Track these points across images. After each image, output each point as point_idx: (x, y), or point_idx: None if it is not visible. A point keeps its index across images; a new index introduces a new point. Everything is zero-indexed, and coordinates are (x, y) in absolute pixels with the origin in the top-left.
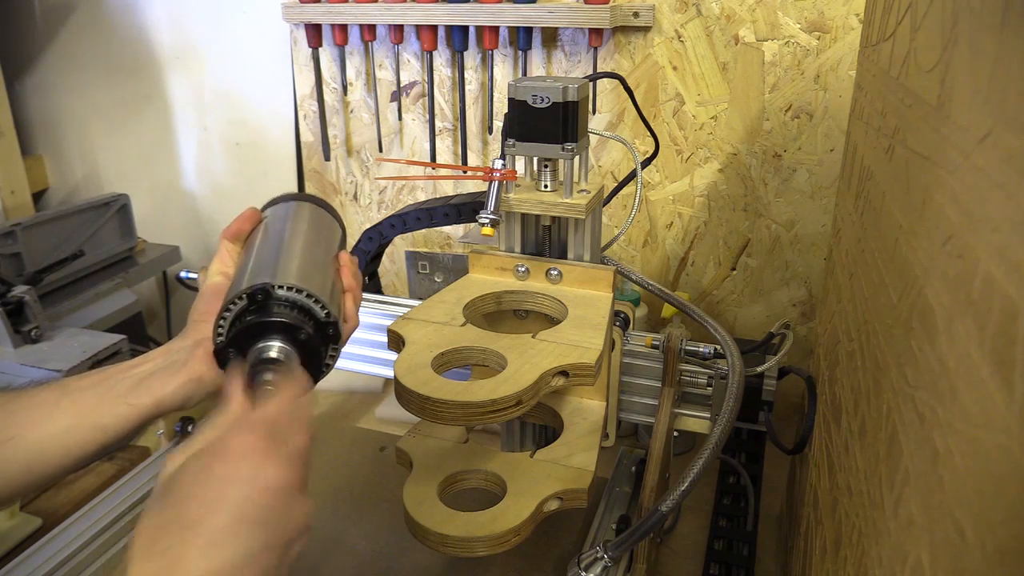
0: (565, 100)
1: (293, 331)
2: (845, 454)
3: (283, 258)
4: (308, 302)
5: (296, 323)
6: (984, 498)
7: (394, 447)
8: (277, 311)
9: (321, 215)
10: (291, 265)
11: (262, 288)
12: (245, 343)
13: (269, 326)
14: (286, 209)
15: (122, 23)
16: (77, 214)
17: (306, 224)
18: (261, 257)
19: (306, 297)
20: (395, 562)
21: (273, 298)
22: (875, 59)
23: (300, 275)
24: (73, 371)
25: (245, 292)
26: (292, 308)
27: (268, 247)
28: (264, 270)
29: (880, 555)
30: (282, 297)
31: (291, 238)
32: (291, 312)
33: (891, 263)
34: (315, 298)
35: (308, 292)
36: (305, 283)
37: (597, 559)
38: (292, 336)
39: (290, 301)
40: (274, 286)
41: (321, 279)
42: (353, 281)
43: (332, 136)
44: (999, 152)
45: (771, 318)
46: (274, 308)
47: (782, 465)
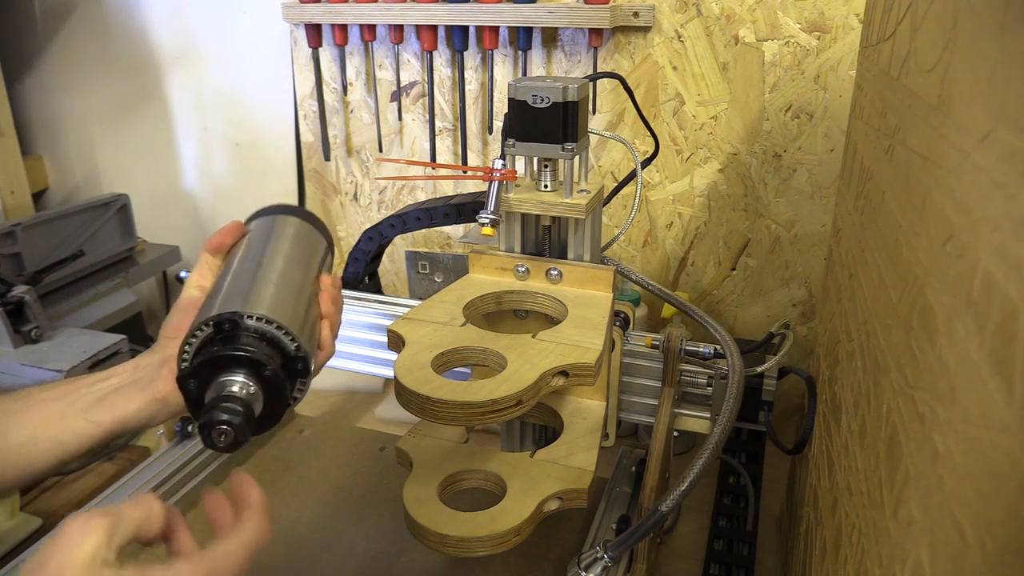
0: (565, 100)
1: (259, 366)
2: (845, 454)
3: (257, 283)
4: (278, 334)
5: (262, 359)
6: (984, 498)
7: (394, 447)
8: (244, 343)
9: (306, 232)
10: (264, 292)
11: (230, 317)
12: (209, 373)
13: (234, 358)
14: (270, 223)
15: (122, 23)
16: (77, 214)
17: (288, 243)
18: (235, 280)
19: (276, 329)
20: (395, 562)
21: (241, 328)
22: (875, 59)
23: (273, 304)
24: (73, 371)
25: (212, 319)
26: (261, 340)
27: (244, 268)
28: (236, 296)
29: (880, 555)
30: (251, 328)
31: (269, 259)
32: (259, 344)
33: (891, 263)
34: (285, 330)
35: (279, 324)
36: (277, 313)
37: (597, 559)
38: (257, 371)
39: (259, 332)
40: (243, 315)
41: (295, 307)
42: (332, 307)
43: (332, 136)
44: (999, 152)
45: (771, 318)
46: (241, 339)
47: (782, 465)
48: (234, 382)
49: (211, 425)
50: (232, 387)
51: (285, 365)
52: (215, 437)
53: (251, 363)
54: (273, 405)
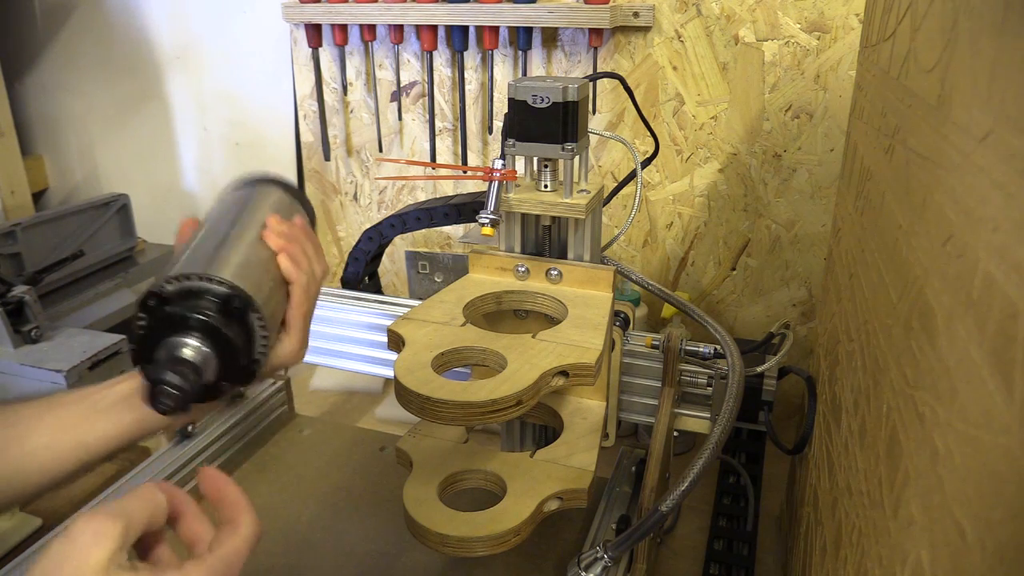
0: (565, 100)
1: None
2: (845, 454)
3: (183, 253)
4: (199, 284)
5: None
6: (984, 498)
7: (394, 447)
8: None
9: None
10: (184, 256)
11: (150, 291)
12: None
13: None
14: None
15: (122, 23)
16: (77, 214)
17: (227, 208)
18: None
19: (197, 281)
20: (395, 562)
21: (163, 296)
22: (875, 59)
23: (189, 262)
24: (73, 371)
25: (138, 304)
26: (183, 298)
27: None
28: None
29: (880, 555)
30: (170, 291)
31: (204, 226)
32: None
33: (891, 263)
34: (206, 276)
35: (198, 275)
36: (192, 267)
37: (597, 559)
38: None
39: (180, 292)
40: (161, 284)
41: (222, 253)
42: (280, 240)
43: (332, 136)
44: (999, 152)
45: (771, 318)
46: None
47: (782, 465)
48: (180, 343)
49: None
50: (176, 349)
51: (223, 309)
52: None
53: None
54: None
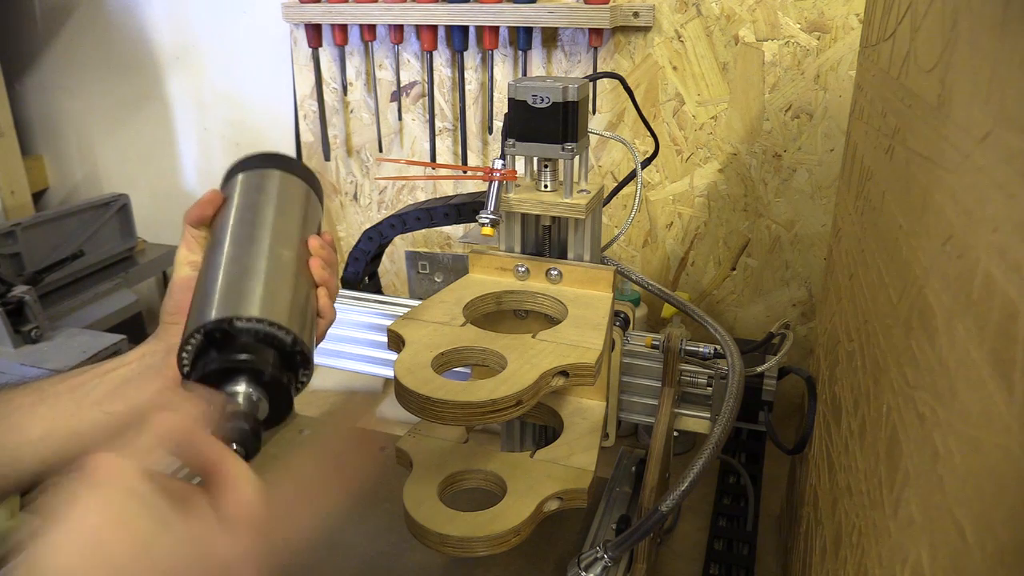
0: (565, 100)
1: (257, 373)
2: (845, 454)
3: (245, 278)
4: (272, 331)
5: (258, 366)
6: (984, 498)
7: (394, 447)
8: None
9: (293, 190)
10: (253, 287)
11: (218, 326)
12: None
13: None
14: (255, 184)
15: (122, 23)
16: (77, 214)
17: (273, 212)
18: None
19: (268, 326)
20: (395, 562)
21: (233, 334)
22: (875, 59)
23: (263, 300)
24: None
25: (203, 329)
26: (255, 340)
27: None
28: (224, 298)
29: (880, 555)
30: (242, 330)
31: (255, 242)
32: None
33: (891, 263)
34: (278, 325)
35: (270, 321)
36: (267, 309)
37: (597, 559)
38: (257, 376)
39: (252, 333)
40: (232, 320)
41: (286, 295)
42: (324, 272)
43: (332, 136)
44: (999, 152)
45: (771, 318)
46: (235, 346)
47: (782, 465)
48: (236, 393)
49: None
50: (236, 399)
51: (283, 359)
52: None
53: (249, 371)
54: (279, 402)
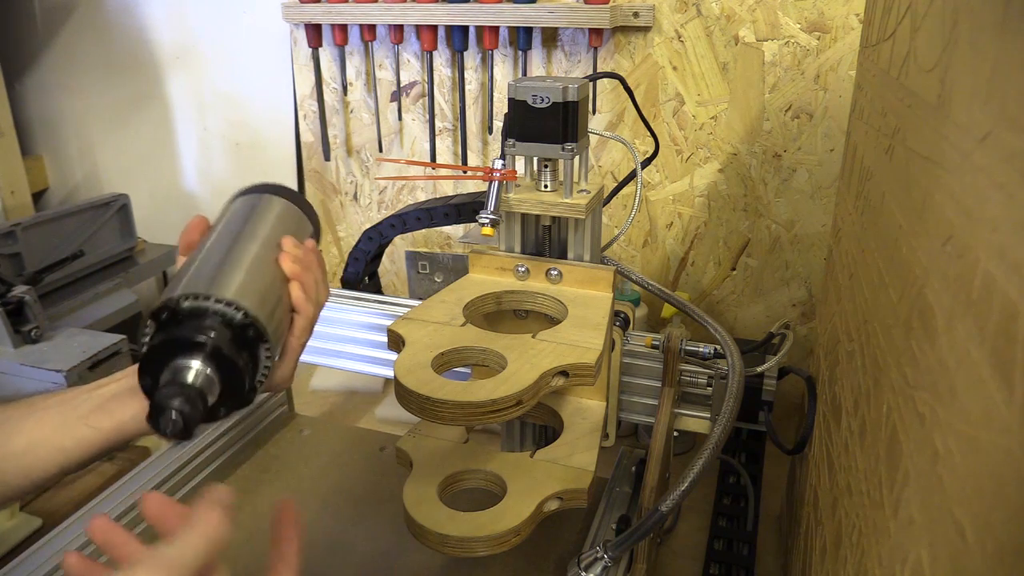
0: (565, 100)
1: (195, 346)
2: (845, 454)
3: (197, 264)
4: (217, 307)
5: (194, 337)
6: (984, 498)
7: (394, 447)
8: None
9: (275, 206)
10: (202, 271)
11: (165, 304)
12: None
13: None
14: (237, 205)
15: (122, 23)
16: (77, 214)
17: (246, 220)
18: (181, 270)
19: (215, 303)
20: (395, 562)
21: (179, 312)
22: (875, 59)
23: (208, 280)
24: (73, 371)
25: (150, 313)
26: (199, 317)
27: (193, 255)
28: (174, 283)
29: (880, 555)
30: (186, 309)
31: (216, 240)
32: (196, 323)
33: (891, 263)
34: (226, 301)
35: (217, 297)
36: (213, 287)
37: (597, 559)
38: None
39: (196, 311)
40: (177, 299)
41: (240, 276)
42: (295, 266)
43: (332, 136)
44: (999, 152)
45: (771, 318)
46: (180, 323)
47: (782, 465)
48: (185, 366)
49: (158, 411)
50: (182, 373)
51: (236, 337)
52: (164, 424)
53: (193, 345)
54: (233, 384)
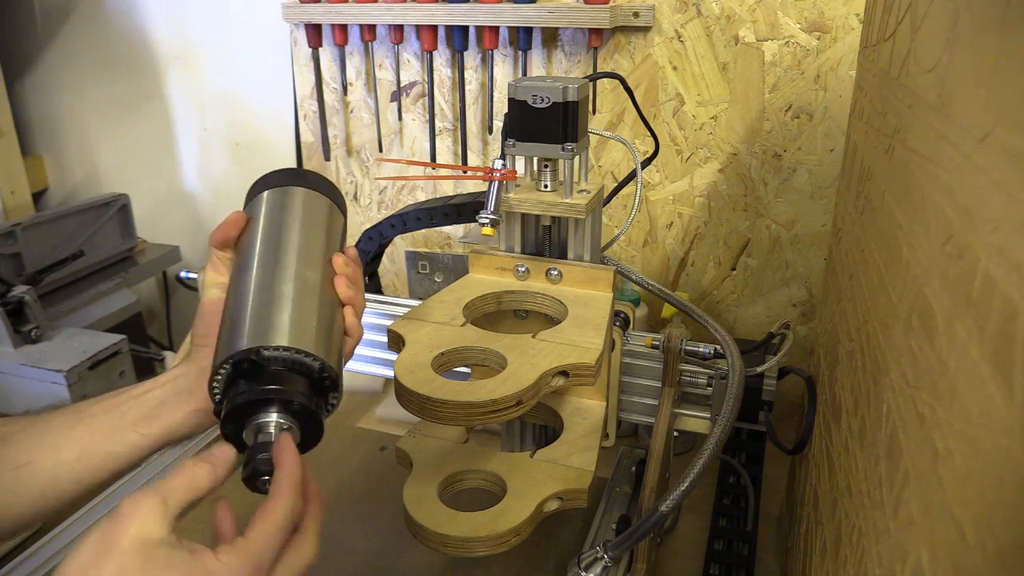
0: (565, 100)
1: (287, 403)
2: (845, 454)
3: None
4: (300, 358)
5: (288, 395)
6: (984, 498)
7: (394, 447)
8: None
9: (317, 207)
10: (280, 315)
11: (246, 356)
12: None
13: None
14: (278, 203)
15: (122, 23)
16: (77, 214)
17: (297, 231)
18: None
19: (296, 354)
20: (395, 562)
21: (262, 363)
22: (875, 59)
23: (290, 328)
24: (73, 371)
25: (231, 360)
26: (284, 369)
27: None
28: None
29: (880, 555)
30: (271, 359)
31: (269, 263)
32: (283, 375)
33: (891, 263)
34: (306, 353)
35: (297, 349)
36: (295, 337)
37: (597, 559)
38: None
39: (281, 361)
40: (260, 350)
41: (313, 319)
42: (350, 291)
43: (332, 136)
44: (999, 152)
45: (771, 318)
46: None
47: (782, 465)
48: (268, 423)
49: (255, 476)
50: (267, 429)
51: (313, 385)
52: (261, 487)
53: (278, 400)
54: (310, 428)
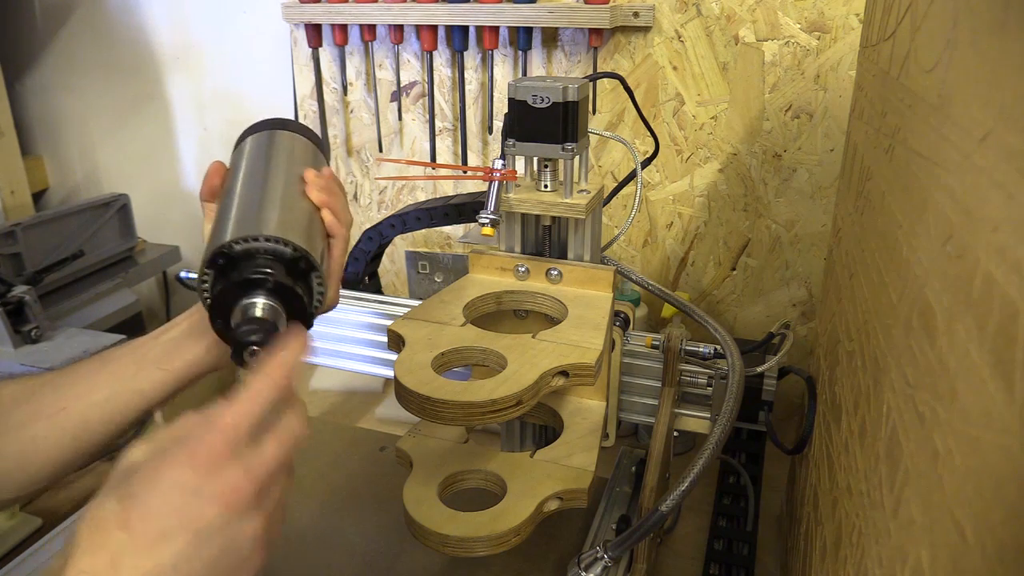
0: (565, 100)
1: (261, 283)
2: (845, 454)
3: (238, 208)
4: (268, 245)
5: (260, 275)
6: (984, 498)
7: (394, 447)
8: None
9: (288, 141)
10: (246, 213)
11: (219, 251)
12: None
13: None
14: (250, 146)
15: (122, 23)
16: (77, 214)
17: (267, 158)
18: (220, 215)
19: (264, 242)
20: (395, 562)
21: (234, 256)
22: (875, 59)
23: (254, 221)
24: None
25: (206, 261)
26: (255, 257)
27: (226, 201)
28: (219, 230)
29: (880, 555)
30: (240, 252)
31: (248, 181)
32: (255, 262)
33: (891, 263)
34: (274, 239)
35: (265, 236)
36: (259, 227)
37: (597, 559)
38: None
39: (251, 252)
40: (230, 244)
41: (280, 213)
42: (322, 195)
43: (332, 136)
44: (999, 152)
45: (771, 318)
46: (238, 266)
47: (782, 465)
48: (252, 304)
49: (240, 348)
50: (251, 310)
51: (290, 269)
52: (247, 358)
53: (255, 283)
54: (296, 311)
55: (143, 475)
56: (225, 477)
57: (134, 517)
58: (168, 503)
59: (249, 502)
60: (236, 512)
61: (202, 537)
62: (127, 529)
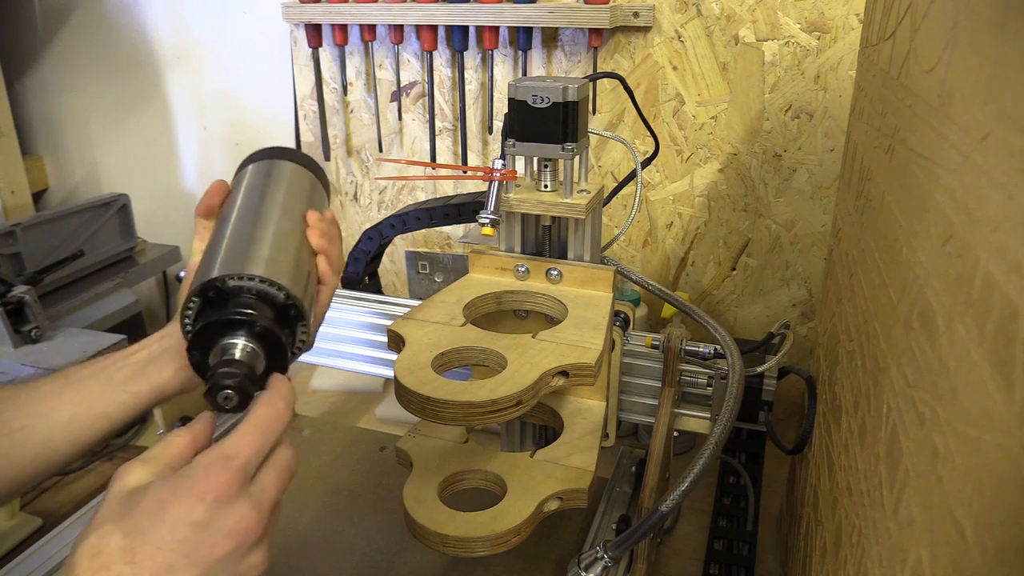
0: (565, 100)
1: (249, 325)
2: (845, 454)
3: (233, 241)
4: (263, 287)
5: (250, 318)
6: (984, 498)
7: (394, 447)
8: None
9: (297, 175)
10: (241, 249)
11: (211, 284)
12: (207, 341)
13: (226, 322)
14: (256, 172)
15: (122, 23)
16: (77, 214)
17: (267, 191)
18: (213, 244)
19: (259, 283)
20: (395, 562)
21: (225, 291)
22: (875, 59)
23: (250, 259)
24: None
25: (195, 290)
26: (247, 297)
27: (223, 228)
28: (214, 261)
29: (880, 555)
30: (233, 288)
31: (246, 214)
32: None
33: (891, 263)
34: (269, 281)
35: (260, 277)
36: (255, 267)
37: (597, 559)
38: (251, 329)
39: (244, 291)
40: (223, 279)
41: (276, 255)
42: (322, 241)
43: (332, 136)
44: (999, 152)
45: (771, 318)
46: (228, 303)
47: (782, 465)
48: (233, 345)
49: (215, 390)
50: (231, 350)
51: (278, 315)
52: (221, 401)
53: (241, 324)
54: (276, 357)
55: (148, 507)
56: (236, 513)
57: (140, 551)
58: (176, 537)
59: (257, 536)
60: (245, 546)
61: (211, 573)
62: (132, 563)
